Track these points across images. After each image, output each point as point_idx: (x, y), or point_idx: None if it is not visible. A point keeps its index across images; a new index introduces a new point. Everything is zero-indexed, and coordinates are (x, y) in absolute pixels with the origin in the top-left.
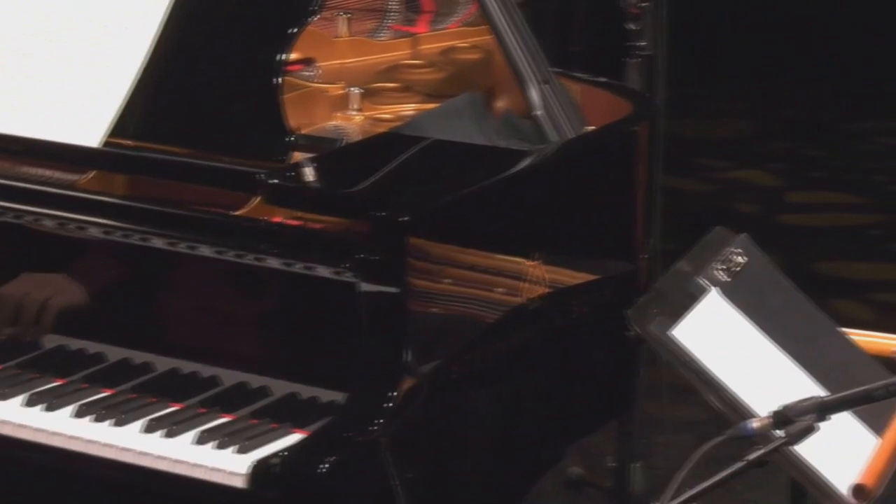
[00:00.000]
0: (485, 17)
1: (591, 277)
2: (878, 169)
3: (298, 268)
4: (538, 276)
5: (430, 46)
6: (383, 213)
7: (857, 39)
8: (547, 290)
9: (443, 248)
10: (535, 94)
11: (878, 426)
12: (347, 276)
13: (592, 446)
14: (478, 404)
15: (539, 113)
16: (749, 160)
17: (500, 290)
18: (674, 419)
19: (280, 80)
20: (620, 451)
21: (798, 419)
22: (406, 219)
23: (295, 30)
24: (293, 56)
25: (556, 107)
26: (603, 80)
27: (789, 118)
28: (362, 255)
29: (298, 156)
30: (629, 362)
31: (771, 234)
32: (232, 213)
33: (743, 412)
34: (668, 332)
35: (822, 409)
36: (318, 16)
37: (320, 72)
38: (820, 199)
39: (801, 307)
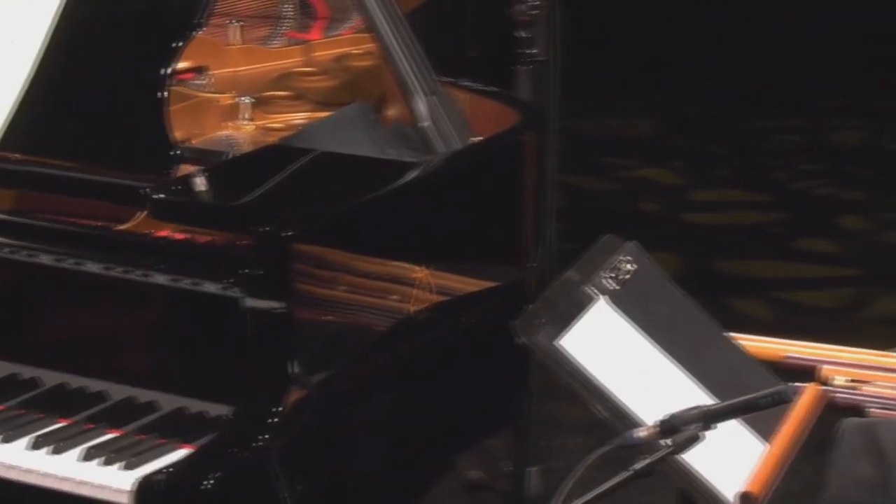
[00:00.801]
0: (371, 31)
1: (480, 287)
2: (779, 167)
3: (185, 283)
4: (427, 286)
5: (324, 53)
6: (267, 228)
7: (757, 38)
8: (436, 300)
9: (329, 262)
10: (421, 106)
11: (765, 432)
12: (233, 292)
13: (491, 449)
14: (370, 414)
15: (426, 124)
16: (653, 159)
17: (389, 301)
18: (572, 421)
19: (165, 93)
20: (515, 456)
21: (684, 428)
22: (289, 234)
23: (180, 43)
24: (185, 65)
25: (443, 118)
26: (491, 89)
27: (693, 116)
28: (246, 271)
29: (186, 168)
30: (520, 371)
31: (674, 233)
32: (119, 227)
33: (630, 421)
34: (554, 342)
35: (707, 418)
36: (204, 29)
37: (213, 80)
38: (722, 198)
39: (689, 314)
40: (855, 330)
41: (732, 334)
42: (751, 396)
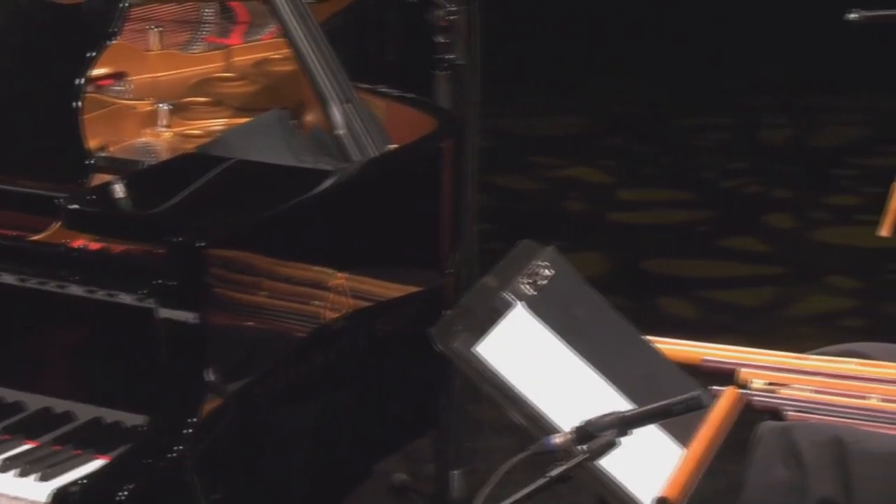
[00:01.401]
0: (286, 39)
1: (399, 293)
2: (707, 165)
3: (101, 294)
4: (345, 293)
5: (243, 58)
6: (180, 238)
7: (686, 36)
8: (355, 307)
9: (245, 271)
10: (337, 114)
11: (683, 437)
12: (148, 303)
13: (416, 452)
14: (290, 421)
15: (341, 132)
16: (581, 158)
17: (308, 308)
18: (496, 423)
19: (79, 103)
20: (439, 458)
21: (599, 434)
22: (202, 244)
23: (94, 53)
24: (103, 71)
25: (359, 125)
26: (409, 96)
27: (621, 115)
28: (160, 281)
29: (102, 178)
30: (443, 374)
31: (601, 232)
32: (33, 238)
33: (547, 427)
34: (471, 349)
35: (622, 424)
36: (119, 37)
37: (132, 87)
38: (650, 196)
39: (607, 318)
40: (780, 329)
41: (650, 338)
42: (665, 403)
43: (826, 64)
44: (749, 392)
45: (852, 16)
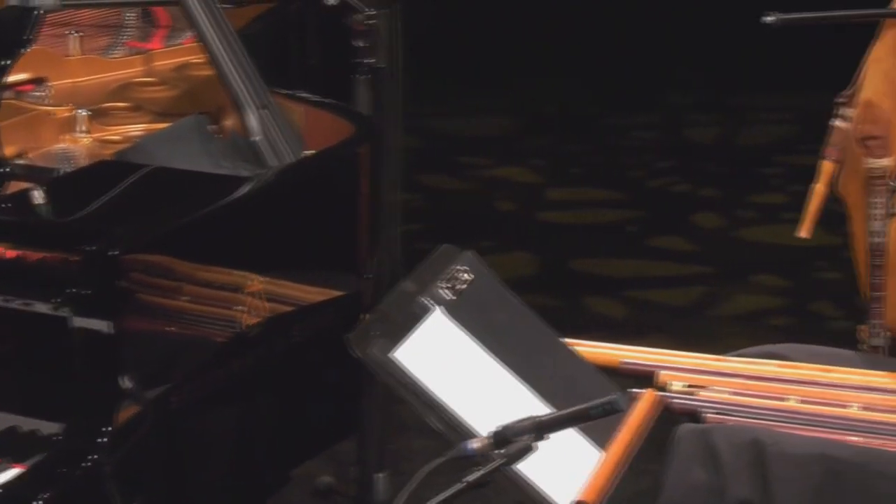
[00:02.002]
0: (201, 45)
1: (318, 298)
2: (636, 164)
3: (17, 304)
4: (264, 299)
5: (164, 63)
6: (94, 247)
7: (613, 35)
8: (273, 313)
9: (161, 278)
10: (253, 120)
11: (601, 440)
12: (62, 311)
13: (342, 454)
14: (209, 426)
15: (258, 139)
16: (510, 157)
17: (226, 314)
18: (422, 424)
19: None
20: (361, 461)
21: (516, 439)
22: (116, 252)
23: (8, 61)
24: (23, 77)
25: (276, 131)
26: (327, 101)
27: (549, 114)
28: (74, 290)
29: (18, 185)
30: (365, 376)
31: (530, 232)
32: None
33: (466, 433)
34: (388, 355)
35: (539, 429)
36: (34, 45)
37: (52, 92)
38: (579, 196)
39: (526, 322)
40: (708, 328)
41: (570, 340)
42: (582, 407)
43: (753, 62)
44: (668, 394)
45: (769, 19)
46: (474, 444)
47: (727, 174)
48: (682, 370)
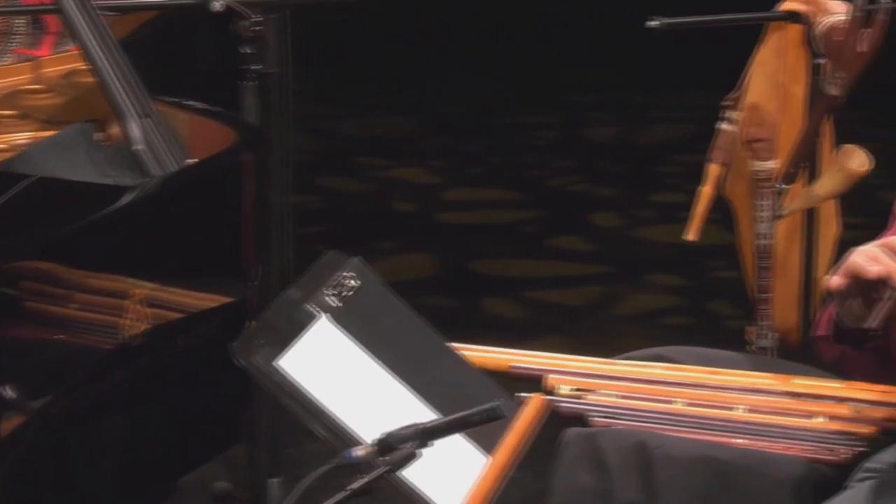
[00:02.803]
0: (82, 54)
1: (201, 307)
2: (536, 164)
3: None
4: (147, 309)
5: (52, 70)
6: None
7: (511, 34)
8: (158, 322)
9: (42, 288)
10: (135, 129)
11: (488, 445)
12: None
13: (239, 459)
14: (96, 436)
15: (140, 147)
16: (409, 158)
17: (108, 323)
18: None
19: None
20: (253, 467)
21: (400, 446)
22: None
23: None
24: None
25: (158, 140)
26: (211, 109)
27: (448, 114)
28: None
29: None
30: (250, 388)
31: (429, 233)
32: None
33: (350, 440)
34: (273, 363)
35: (423, 436)
36: None
37: None
38: (478, 196)
39: (414, 328)
40: (605, 328)
41: (459, 345)
42: (464, 414)
43: (652, 61)
44: (555, 398)
45: (653, 23)
46: (358, 452)
47: (626, 173)
48: (571, 374)
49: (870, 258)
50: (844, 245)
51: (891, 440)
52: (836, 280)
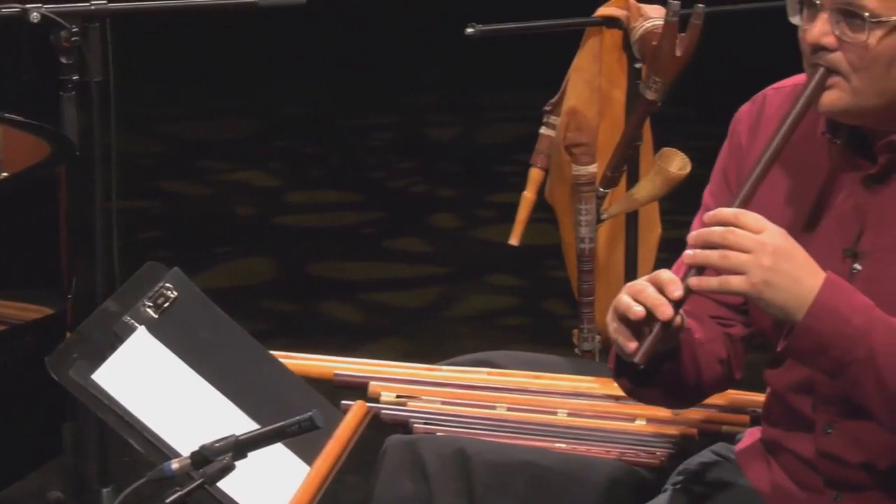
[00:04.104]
0: None
1: (21, 318)
2: (376, 165)
3: None
4: None
5: None
6: None
7: (350, 35)
8: None
9: None
10: None
11: (308, 455)
12: None
13: (71, 469)
14: None
15: None
16: (249, 161)
17: None
18: None
19: None
20: (79, 476)
21: (216, 458)
22: None
23: None
24: None
25: None
26: (27, 121)
27: (288, 116)
28: None
29: None
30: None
31: (268, 237)
32: None
33: (168, 453)
34: (89, 377)
35: (238, 448)
36: None
37: None
38: (318, 199)
39: (234, 338)
40: (442, 330)
41: (283, 354)
42: (279, 425)
43: (490, 60)
44: (378, 405)
45: (469, 31)
46: (174, 465)
47: (465, 174)
48: (394, 380)
49: (635, 293)
50: (668, 246)
51: (709, 441)
52: (610, 325)
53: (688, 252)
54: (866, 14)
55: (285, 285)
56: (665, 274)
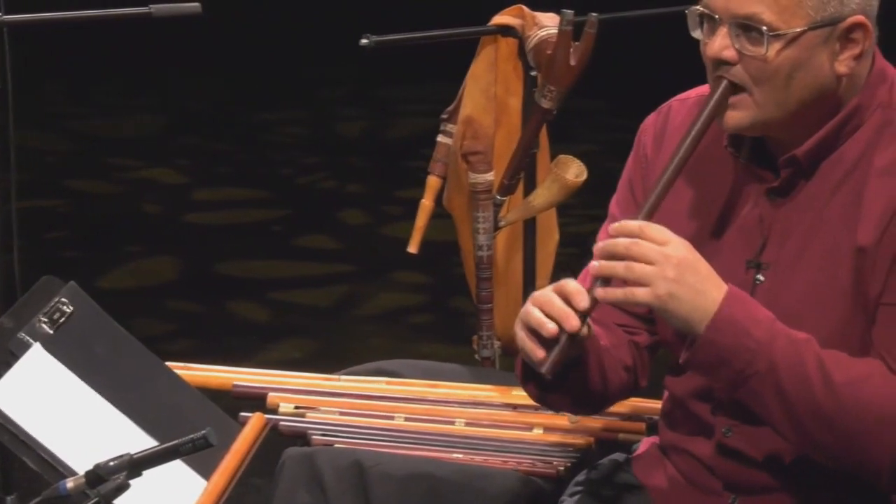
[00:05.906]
0: None
1: None
2: (284, 161)
3: None
4: None
5: None
6: None
7: (256, 29)
8: None
9: None
10: None
11: (206, 469)
12: None
13: None
14: None
15: None
16: (157, 158)
17: None
18: None
19: None
20: None
21: (110, 477)
22: None
23: None
24: None
25: None
26: None
27: (195, 112)
28: None
29: None
30: None
31: (175, 235)
32: None
33: (64, 472)
34: None
35: (132, 466)
36: None
37: None
38: (226, 196)
39: (131, 353)
40: (349, 328)
41: (180, 365)
42: (173, 444)
43: (399, 53)
44: (276, 417)
45: (364, 42)
46: (69, 484)
47: (374, 169)
48: (293, 391)
49: (541, 304)
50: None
51: (606, 450)
52: (518, 334)
53: (594, 263)
54: (764, 28)
55: (192, 285)
56: (571, 284)
